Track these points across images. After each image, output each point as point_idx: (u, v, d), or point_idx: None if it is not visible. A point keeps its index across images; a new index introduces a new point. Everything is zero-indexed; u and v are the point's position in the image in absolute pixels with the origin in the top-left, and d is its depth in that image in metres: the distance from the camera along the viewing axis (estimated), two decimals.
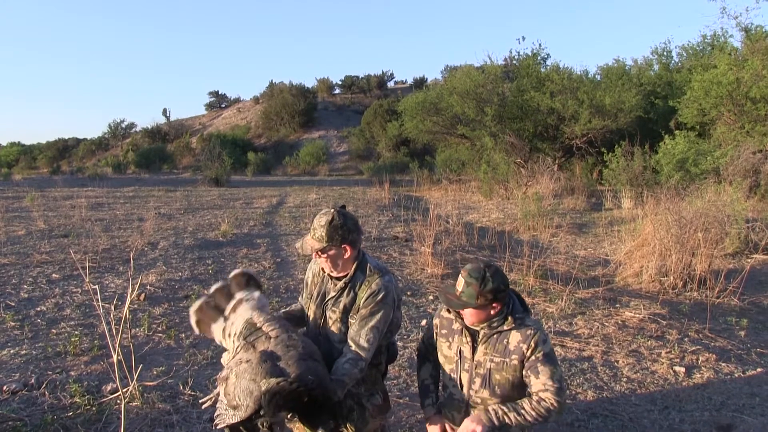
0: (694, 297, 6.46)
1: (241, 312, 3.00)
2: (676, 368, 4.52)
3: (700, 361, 4.68)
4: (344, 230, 2.81)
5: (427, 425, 2.94)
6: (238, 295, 3.10)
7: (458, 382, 2.84)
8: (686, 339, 5.13)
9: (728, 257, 7.98)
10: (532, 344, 2.64)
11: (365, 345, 2.76)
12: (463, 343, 2.81)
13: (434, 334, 2.98)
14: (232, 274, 3.21)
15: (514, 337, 2.68)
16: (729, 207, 8.47)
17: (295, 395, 2.42)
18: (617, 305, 6.06)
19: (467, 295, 2.65)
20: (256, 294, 3.13)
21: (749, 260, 7.93)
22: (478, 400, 2.77)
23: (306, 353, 2.63)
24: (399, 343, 4.95)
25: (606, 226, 10.84)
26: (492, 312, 2.69)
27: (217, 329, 3.05)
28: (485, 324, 2.73)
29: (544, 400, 2.60)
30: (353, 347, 2.77)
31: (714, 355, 4.76)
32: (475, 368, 2.76)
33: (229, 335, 2.97)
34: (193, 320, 3.10)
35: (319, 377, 2.51)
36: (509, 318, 2.71)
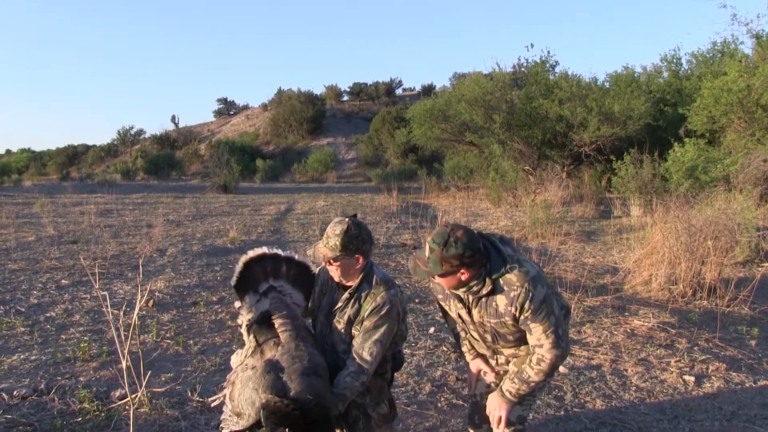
0: (703, 306, 6.42)
1: (265, 303, 3.02)
2: (686, 377, 4.50)
3: (710, 371, 4.65)
4: (358, 241, 2.78)
5: (469, 367, 2.99)
6: (277, 282, 3.11)
7: (473, 337, 2.88)
8: (696, 348, 5.10)
9: (738, 266, 7.93)
10: (518, 305, 2.51)
11: (368, 358, 2.75)
12: (458, 307, 2.77)
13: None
14: (295, 257, 3.20)
15: (501, 300, 2.57)
16: (739, 215, 8.43)
17: (292, 417, 2.43)
18: (626, 313, 6.04)
19: (432, 262, 2.51)
20: (293, 294, 3.14)
21: (760, 269, 7.88)
22: (500, 347, 2.81)
23: (310, 367, 2.62)
24: (407, 351, 4.95)
25: (615, 233, 10.80)
26: (462, 278, 2.55)
27: (246, 304, 3.04)
28: (464, 289, 2.63)
29: (543, 360, 2.55)
30: (356, 360, 2.76)
31: (724, 365, 4.73)
32: (480, 327, 2.75)
33: (244, 322, 2.99)
34: (239, 267, 3.08)
35: (319, 395, 2.50)
36: (487, 281, 2.57)
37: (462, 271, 2.52)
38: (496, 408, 2.75)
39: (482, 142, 19.70)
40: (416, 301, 6.49)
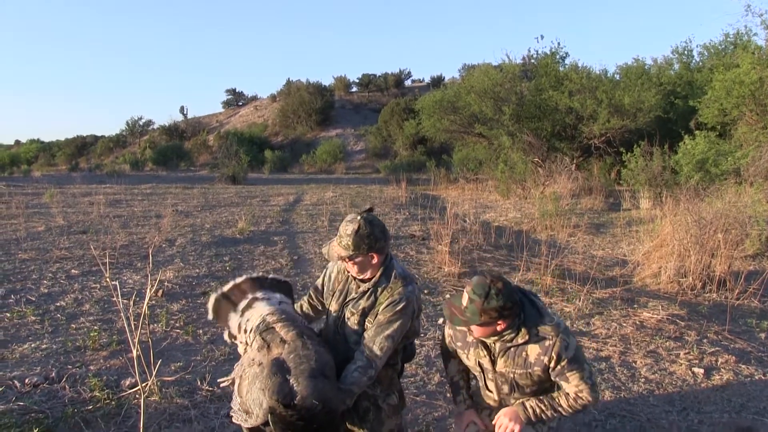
0: (713, 298, 6.41)
1: (258, 309, 3.02)
2: (695, 369, 4.49)
3: (719, 363, 4.64)
4: (371, 239, 2.77)
5: (461, 419, 2.89)
6: (257, 294, 3.12)
7: (487, 388, 2.82)
8: (705, 340, 5.09)
9: (748, 259, 7.90)
10: (554, 356, 2.55)
11: (378, 353, 2.75)
12: (480, 356, 2.75)
13: (449, 343, 2.95)
14: (241, 279, 3.23)
15: (533, 350, 2.59)
16: (750, 208, 8.39)
17: (296, 426, 2.47)
18: (635, 306, 6.02)
19: (470, 312, 2.53)
20: (277, 295, 3.15)
21: None
22: (512, 401, 2.76)
23: (317, 368, 2.60)
24: (416, 341, 4.95)
25: (624, 226, 10.78)
26: (498, 329, 2.58)
27: (233, 323, 3.08)
28: (496, 338, 2.65)
29: (581, 399, 2.59)
30: (366, 353, 2.75)
31: (734, 357, 4.72)
32: (499, 377, 2.72)
33: (245, 331, 3.00)
34: (210, 312, 3.16)
35: (325, 399, 2.50)
36: (522, 330, 2.60)
37: (499, 322, 2.56)
38: (511, 420, 2.69)
39: (491, 134, 19.66)
40: (426, 292, 6.49)
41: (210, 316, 3.16)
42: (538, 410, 2.65)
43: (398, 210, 13.40)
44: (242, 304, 3.09)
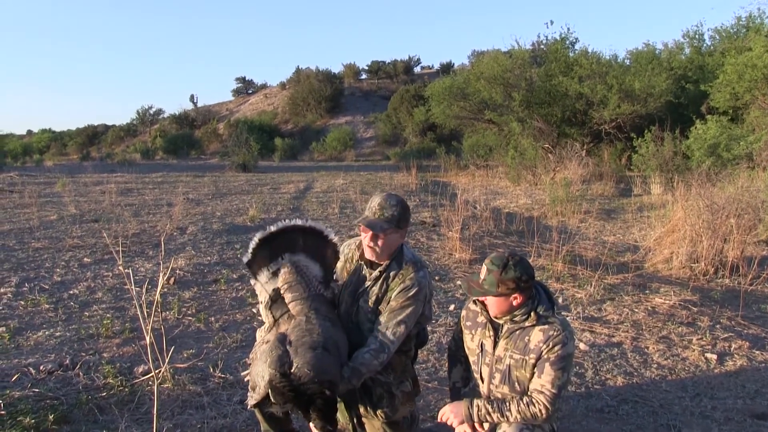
0: (726, 284, 6.37)
1: (279, 279, 2.99)
2: (708, 355, 4.47)
3: (732, 349, 4.62)
4: (408, 214, 2.88)
5: (456, 427, 2.82)
6: (294, 256, 3.05)
7: (480, 376, 2.80)
8: (718, 326, 5.06)
9: (762, 244, 7.84)
10: (551, 344, 2.54)
11: (391, 338, 2.75)
12: (485, 336, 2.74)
13: (462, 322, 2.94)
14: (301, 223, 3.10)
15: (536, 336, 2.59)
16: (763, 193, 8.32)
17: (288, 396, 2.49)
18: (647, 291, 6.00)
19: (488, 283, 2.56)
20: (312, 268, 3.07)
21: None
22: (498, 395, 2.72)
23: (319, 341, 2.61)
24: (427, 327, 4.95)
25: (635, 212, 10.73)
26: (514, 303, 2.59)
27: (261, 278, 3.03)
28: (508, 317, 2.65)
29: (534, 404, 2.53)
30: (379, 337, 2.76)
31: (747, 343, 4.70)
32: (495, 363, 2.70)
33: (262, 302, 3.01)
34: (249, 252, 3.04)
35: (321, 370, 2.50)
36: (533, 314, 2.61)
37: (515, 295, 2.58)
38: (452, 411, 2.71)
39: (501, 120, 19.58)
40: (436, 278, 6.49)
41: (246, 257, 3.03)
42: (483, 410, 2.62)
43: (408, 197, 13.38)
44: (274, 266, 3.02)
